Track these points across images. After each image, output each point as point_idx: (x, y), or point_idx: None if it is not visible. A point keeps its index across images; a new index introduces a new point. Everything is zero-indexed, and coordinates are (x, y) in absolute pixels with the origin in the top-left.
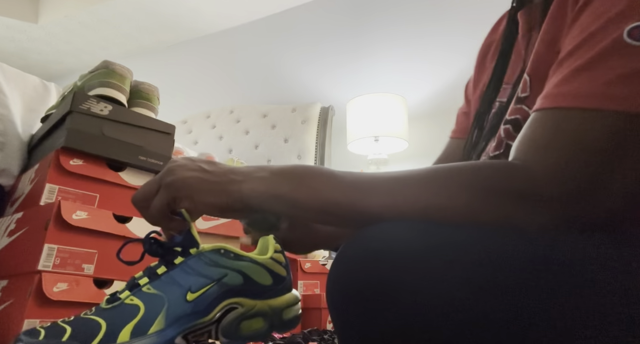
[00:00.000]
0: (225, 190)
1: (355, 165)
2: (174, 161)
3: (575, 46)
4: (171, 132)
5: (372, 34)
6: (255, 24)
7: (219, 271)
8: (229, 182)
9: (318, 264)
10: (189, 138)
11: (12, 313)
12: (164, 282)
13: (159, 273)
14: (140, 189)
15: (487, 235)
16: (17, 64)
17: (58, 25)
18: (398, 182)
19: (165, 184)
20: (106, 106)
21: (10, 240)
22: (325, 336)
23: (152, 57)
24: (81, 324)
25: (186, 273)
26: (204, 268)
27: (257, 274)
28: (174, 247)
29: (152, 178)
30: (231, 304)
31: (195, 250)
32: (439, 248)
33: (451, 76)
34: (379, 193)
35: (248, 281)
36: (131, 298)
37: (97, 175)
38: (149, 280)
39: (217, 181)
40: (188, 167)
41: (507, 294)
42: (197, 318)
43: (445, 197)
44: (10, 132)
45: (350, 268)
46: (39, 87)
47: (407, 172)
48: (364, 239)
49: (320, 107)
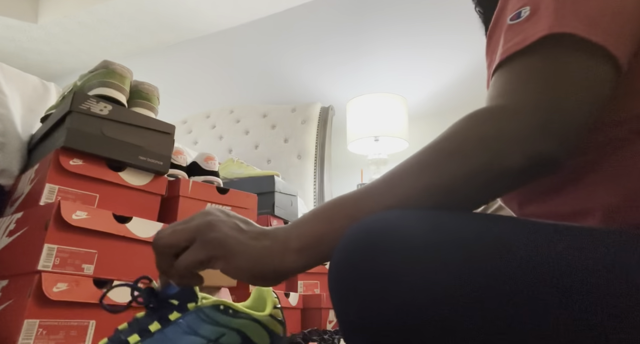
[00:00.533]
0: (262, 261)
1: (355, 165)
2: (211, 212)
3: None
4: (171, 132)
5: (372, 33)
6: (255, 23)
7: (217, 330)
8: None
9: None
10: (189, 138)
11: (12, 313)
12: (157, 341)
13: (152, 331)
14: (168, 235)
15: (490, 222)
16: (17, 64)
17: (58, 25)
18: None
19: (205, 241)
20: (106, 105)
21: (10, 240)
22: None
23: (152, 57)
24: None
25: (182, 332)
26: (201, 326)
27: (255, 334)
28: (170, 299)
29: (183, 225)
30: None
31: (194, 305)
32: (443, 235)
33: (452, 76)
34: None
35: (246, 341)
36: None
37: (97, 175)
38: (139, 339)
39: (254, 246)
40: (228, 224)
41: (510, 283)
42: None
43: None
44: (10, 132)
45: (350, 256)
46: (38, 87)
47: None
48: (368, 226)
49: (320, 107)
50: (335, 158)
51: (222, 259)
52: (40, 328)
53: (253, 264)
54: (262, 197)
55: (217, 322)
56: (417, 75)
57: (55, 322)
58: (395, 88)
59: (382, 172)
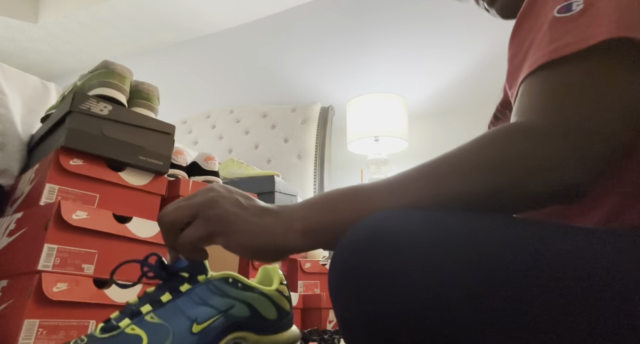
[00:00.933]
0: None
1: (355, 165)
2: (213, 189)
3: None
4: (171, 132)
5: (372, 33)
6: (255, 23)
7: (226, 302)
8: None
9: (318, 264)
10: (189, 138)
11: (11, 313)
12: (169, 311)
13: (163, 301)
14: (172, 211)
15: (495, 222)
16: (17, 64)
17: (58, 25)
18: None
19: (206, 217)
20: (106, 105)
21: (10, 240)
22: (325, 336)
23: (152, 57)
24: None
25: (193, 302)
26: (211, 297)
27: (264, 308)
28: (180, 272)
29: (186, 202)
30: (236, 338)
31: (204, 277)
32: (447, 236)
33: (451, 76)
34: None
35: (254, 314)
36: (132, 327)
37: (97, 175)
38: (152, 308)
39: (256, 222)
40: (229, 201)
41: (513, 283)
42: None
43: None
44: (10, 132)
45: (354, 255)
46: (38, 87)
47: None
48: (371, 227)
49: (320, 107)
50: (335, 158)
51: (222, 236)
52: (40, 328)
53: (254, 241)
54: (262, 197)
55: (227, 294)
56: (417, 76)
57: (55, 322)
58: (395, 88)
59: (382, 172)
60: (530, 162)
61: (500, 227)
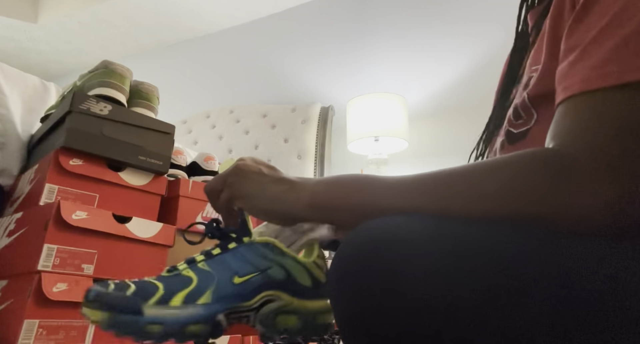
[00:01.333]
0: (275, 202)
1: (356, 165)
2: (242, 159)
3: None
4: (171, 132)
5: (372, 33)
6: (255, 23)
7: (265, 263)
8: (281, 195)
9: None
10: (189, 138)
11: (11, 313)
12: (217, 262)
13: (213, 254)
14: (211, 182)
15: (497, 230)
16: (16, 64)
17: (58, 25)
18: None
19: (228, 184)
20: (106, 105)
21: (9, 240)
22: (325, 336)
23: (152, 57)
24: (143, 285)
25: (236, 258)
26: (252, 257)
27: (298, 274)
28: (230, 234)
29: (221, 173)
30: (271, 296)
31: (248, 239)
32: (447, 241)
33: (451, 76)
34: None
35: (289, 277)
36: (187, 270)
37: (96, 175)
38: (204, 258)
39: (270, 189)
40: (251, 169)
41: (515, 291)
42: (239, 300)
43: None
44: (10, 132)
45: (355, 260)
46: (38, 87)
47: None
48: (373, 233)
49: (320, 107)
50: (335, 158)
51: (241, 199)
52: (40, 328)
53: (267, 205)
54: None
55: (266, 256)
56: (417, 76)
57: (55, 322)
58: (395, 88)
59: (382, 172)
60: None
61: (501, 236)
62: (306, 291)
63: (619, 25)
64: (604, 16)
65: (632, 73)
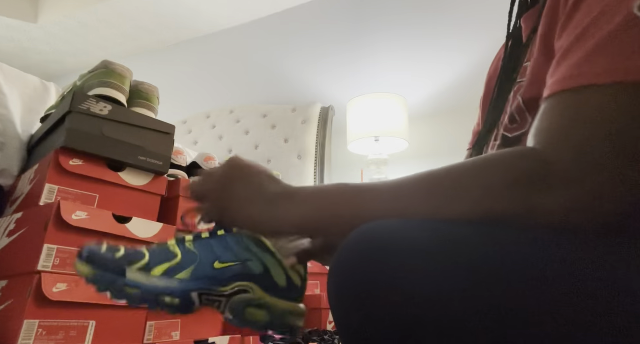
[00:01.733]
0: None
1: (355, 165)
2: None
3: (576, 36)
4: (171, 132)
5: (373, 33)
6: (255, 23)
7: (246, 254)
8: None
9: (318, 264)
10: (189, 138)
11: (11, 313)
12: (203, 245)
13: (202, 237)
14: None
15: (494, 232)
16: (16, 64)
17: (57, 25)
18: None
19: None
20: (106, 105)
21: (9, 240)
22: (325, 336)
23: (152, 57)
24: (132, 251)
25: (221, 245)
26: (236, 247)
27: (275, 272)
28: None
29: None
30: (245, 286)
31: (236, 230)
32: (444, 244)
33: (451, 76)
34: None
35: (266, 273)
36: (174, 246)
37: (96, 175)
38: (192, 239)
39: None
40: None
41: (512, 292)
42: (215, 284)
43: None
44: (9, 132)
45: (354, 261)
46: (38, 87)
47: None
48: (370, 236)
49: (320, 107)
50: (335, 158)
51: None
52: (39, 328)
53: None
54: None
55: (249, 249)
56: (417, 76)
57: (55, 322)
58: (395, 88)
59: (382, 172)
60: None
61: (499, 238)
62: (280, 290)
63: (599, 26)
64: (589, 15)
65: (604, 75)
